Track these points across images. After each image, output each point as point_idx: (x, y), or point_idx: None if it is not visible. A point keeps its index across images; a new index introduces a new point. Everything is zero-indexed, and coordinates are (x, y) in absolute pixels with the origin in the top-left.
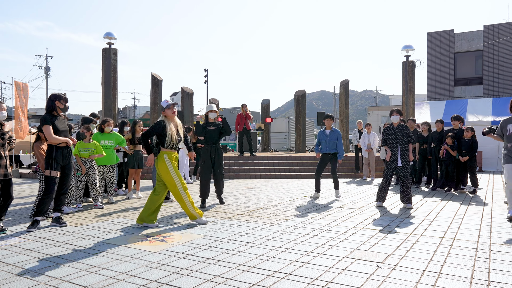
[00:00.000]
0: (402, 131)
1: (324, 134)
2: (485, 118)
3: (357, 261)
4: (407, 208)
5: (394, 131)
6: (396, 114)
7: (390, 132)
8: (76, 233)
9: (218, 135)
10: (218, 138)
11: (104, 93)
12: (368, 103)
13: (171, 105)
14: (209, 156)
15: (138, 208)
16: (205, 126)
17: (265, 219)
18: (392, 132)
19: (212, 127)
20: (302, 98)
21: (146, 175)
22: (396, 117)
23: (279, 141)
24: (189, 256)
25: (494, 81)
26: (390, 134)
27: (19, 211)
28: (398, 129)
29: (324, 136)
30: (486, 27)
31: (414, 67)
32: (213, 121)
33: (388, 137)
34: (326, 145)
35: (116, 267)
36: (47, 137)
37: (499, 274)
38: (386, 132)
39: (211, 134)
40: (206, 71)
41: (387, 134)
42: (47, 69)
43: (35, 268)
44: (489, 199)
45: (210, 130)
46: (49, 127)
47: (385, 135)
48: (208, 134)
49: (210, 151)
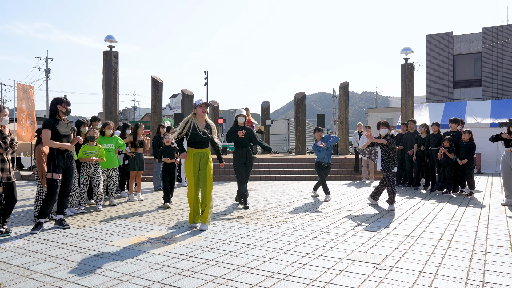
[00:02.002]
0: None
1: (316, 147)
2: (484, 120)
3: (355, 262)
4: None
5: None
6: (384, 127)
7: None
8: (79, 235)
9: (249, 139)
10: (249, 142)
11: (105, 96)
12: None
13: (202, 104)
14: (242, 160)
15: (140, 211)
16: (236, 131)
17: (265, 221)
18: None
19: (242, 131)
20: (302, 100)
21: (147, 177)
22: (384, 130)
23: (278, 143)
24: (191, 257)
25: (493, 83)
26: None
27: (21, 213)
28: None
29: (317, 148)
30: (485, 30)
31: (413, 69)
32: (242, 125)
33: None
34: (324, 155)
35: (120, 268)
36: (43, 141)
37: (494, 275)
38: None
39: (242, 138)
40: (206, 73)
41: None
42: (48, 71)
43: (40, 269)
44: (487, 201)
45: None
46: (47, 132)
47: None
48: (239, 138)
49: (242, 155)
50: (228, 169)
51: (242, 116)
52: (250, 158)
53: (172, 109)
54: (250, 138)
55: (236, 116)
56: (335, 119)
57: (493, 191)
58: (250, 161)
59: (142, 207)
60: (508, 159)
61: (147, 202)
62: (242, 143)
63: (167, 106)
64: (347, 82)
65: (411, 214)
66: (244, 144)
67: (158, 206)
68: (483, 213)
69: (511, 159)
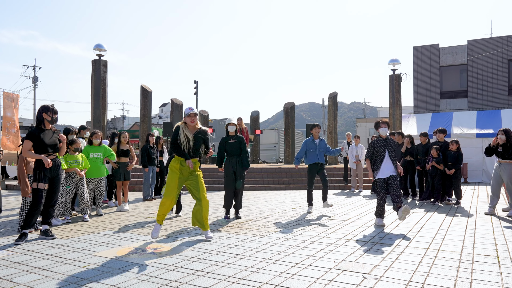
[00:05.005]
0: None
1: (313, 143)
2: (470, 130)
3: (344, 272)
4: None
5: (383, 142)
6: (384, 126)
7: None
8: (65, 246)
9: (239, 147)
10: (240, 150)
11: (94, 105)
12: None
13: (191, 114)
14: (232, 168)
15: (128, 221)
16: (226, 140)
17: (254, 231)
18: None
19: (233, 140)
20: (291, 110)
21: (135, 187)
22: (385, 129)
23: (268, 152)
24: (179, 268)
25: (478, 94)
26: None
27: (6, 223)
28: (387, 141)
29: (314, 145)
30: (470, 42)
31: (401, 80)
32: (233, 134)
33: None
34: (315, 154)
35: (106, 280)
36: (22, 151)
37: (481, 284)
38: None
39: (232, 147)
40: (196, 83)
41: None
42: (35, 79)
43: (23, 281)
44: (474, 210)
45: (231, 143)
46: (28, 143)
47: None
48: (228, 146)
49: (232, 163)
50: (217, 178)
51: (232, 124)
52: (240, 166)
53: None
54: (241, 147)
55: (226, 125)
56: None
57: (479, 201)
58: (242, 170)
59: (130, 217)
60: (498, 169)
61: (135, 212)
62: (232, 151)
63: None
64: (336, 92)
65: (399, 223)
66: (234, 153)
67: (146, 216)
68: (470, 222)
69: (500, 169)
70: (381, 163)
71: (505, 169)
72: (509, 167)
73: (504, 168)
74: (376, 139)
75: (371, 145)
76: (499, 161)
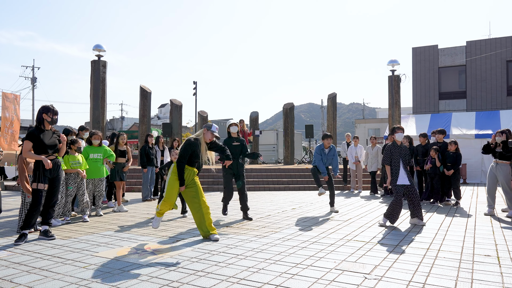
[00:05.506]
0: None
1: (323, 152)
2: (468, 131)
3: (345, 272)
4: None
5: (398, 149)
6: (400, 132)
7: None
8: (64, 246)
9: (241, 151)
10: (240, 153)
11: (93, 105)
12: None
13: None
14: (231, 170)
15: (127, 225)
16: (230, 143)
17: (254, 232)
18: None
19: (236, 142)
20: (291, 111)
21: (134, 187)
22: (401, 134)
23: (267, 153)
24: (179, 268)
25: (477, 95)
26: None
27: (5, 224)
28: (401, 147)
29: (324, 154)
30: (468, 43)
31: (400, 81)
32: (235, 135)
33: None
34: (321, 162)
35: (106, 280)
36: (22, 152)
37: (482, 284)
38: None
39: (235, 150)
40: (195, 83)
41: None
42: (34, 80)
43: (23, 282)
44: (473, 211)
45: (234, 145)
46: (28, 143)
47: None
48: (232, 149)
49: (232, 165)
50: (215, 179)
51: (234, 125)
52: (240, 168)
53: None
54: (242, 150)
55: (228, 126)
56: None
57: (479, 201)
58: (241, 170)
59: (129, 217)
60: (494, 169)
61: (134, 212)
62: (233, 154)
63: (156, 116)
64: (335, 93)
65: (399, 223)
66: (236, 155)
67: (146, 216)
68: (469, 223)
69: (497, 170)
70: (399, 169)
71: (502, 169)
72: (505, 168)
73: (500, 168)
74: (391, 145)
75: (387, 151)
76: (496, 161)
